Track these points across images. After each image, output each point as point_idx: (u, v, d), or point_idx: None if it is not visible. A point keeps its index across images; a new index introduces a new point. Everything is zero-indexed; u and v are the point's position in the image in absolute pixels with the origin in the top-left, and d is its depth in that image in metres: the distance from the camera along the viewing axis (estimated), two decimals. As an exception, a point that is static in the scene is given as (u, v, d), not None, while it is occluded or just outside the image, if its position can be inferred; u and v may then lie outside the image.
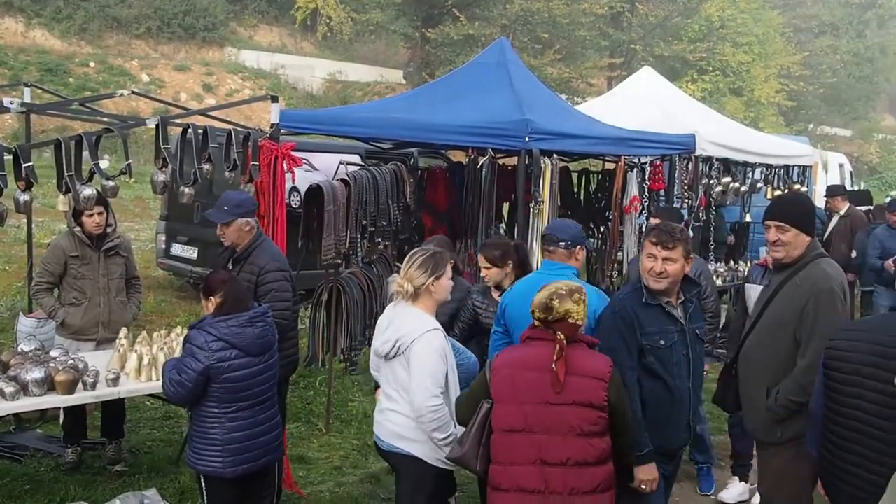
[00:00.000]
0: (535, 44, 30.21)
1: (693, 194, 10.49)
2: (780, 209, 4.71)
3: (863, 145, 48.05)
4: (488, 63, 9.04)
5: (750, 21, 37.12)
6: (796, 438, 4.48)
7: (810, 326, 4.40)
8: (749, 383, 4.68)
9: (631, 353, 4.10)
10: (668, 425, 4.21)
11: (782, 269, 4.65)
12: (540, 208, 8.02)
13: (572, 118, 9.32)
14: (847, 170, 23.27)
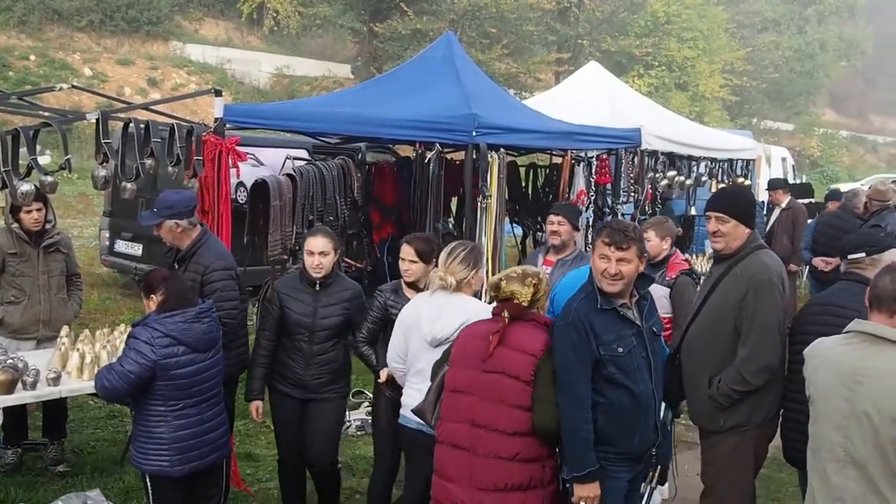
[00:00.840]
0: (483, 38, 30.23)
1: (639, 188, 10.58)
2: (720, 201, 4.77)
3: (804, 139, 48.95)
4: (435, 58, 9.03)
5: (694, 17, 37.61)
6: (738, 427, 4.56)
7: (750, 317, 4.47)
8: (692, 372, 4.70)
9: (584, 368, 3.91)
10: (636, 432, 4.07)
11: (722, 261, 4.70)
12: (487, 203, 8.03)
13: (519, 113, 9.35)
14: (789, 164, 23.70)
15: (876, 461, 3.31)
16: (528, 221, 11.15)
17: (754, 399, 4.54)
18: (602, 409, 3.99)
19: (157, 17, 29.81)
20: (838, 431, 3.42)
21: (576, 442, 3.92)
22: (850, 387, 3.40)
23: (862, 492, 3.35)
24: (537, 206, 10.87)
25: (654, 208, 11.40)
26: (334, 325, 5.35)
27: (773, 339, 4.49)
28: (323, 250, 5.29)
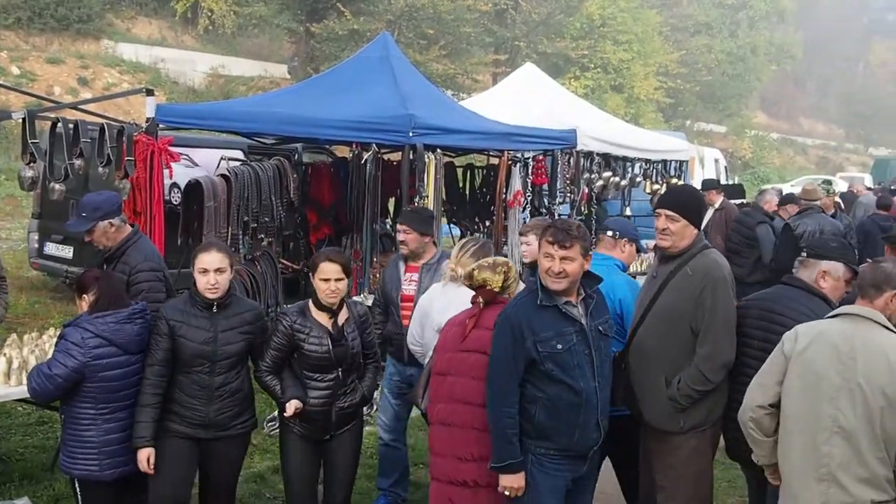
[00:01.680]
0: (421, 39, 30.22)
1: (575, 188, 10.71)
2: (672, 199, 4.72)
3: (736, 141, 49.95)
4: (371, 58, 9.03)
5: (629, 20, 38.06)
6: (698, 427, 4.52)
7: (709, 315, 4.41)
8: (645, 374, 4.60)
9: (512, 365, 4.02)
10: (575, 428, 4.08)
11: (669, 260, 4.63)
12: (424, 203, 8.05)
13: (456, 113, 9.39)
14: (722, 165, 24.18)
15: (863, 430, 3.60)
16: (466, 222, 11.18)
17: (712, 397, 4.51)
18: (541, 404, 4.05)
19: (88, 15, 29.18)
20: (829, 403, 3.67)
21: (497, 434, 4.06)
22: (844, 362, 3.67)
23: (847, 459, 3.62)
24: (475, 207, 10.92)
25: (589, 208, 11.55)
26: (237, 351, 4.74)
27: (731, 336, 4.48)
28: (219, 267, 4.65)
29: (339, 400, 4.80)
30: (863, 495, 3.62)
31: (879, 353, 3.65)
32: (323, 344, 4.70)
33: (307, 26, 30.73)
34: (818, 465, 3.70)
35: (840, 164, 63.08)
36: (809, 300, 4.41)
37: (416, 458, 6.86)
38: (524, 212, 10.05)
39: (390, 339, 5.92)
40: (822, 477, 3.69)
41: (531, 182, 10.01)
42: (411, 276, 5.89)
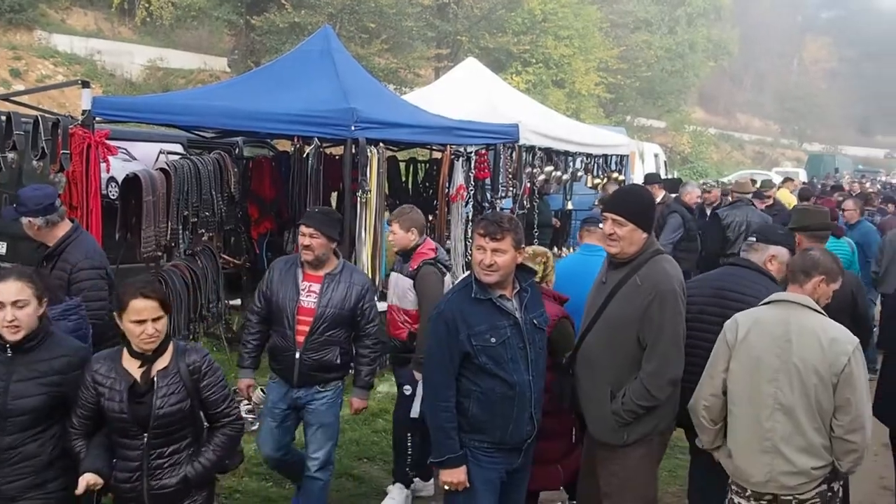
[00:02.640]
0: (363, 33, 30.08)
1: (517, 183, 10.77)
2: (618, 202, 4.53)
3: (675, 136, 50.70)
4: (312, 51, 8.96)
5: (570, 15, 38.34)
6: (643, 438, 4.44)
7: (656, 330, 4.30)
8: (590, 384, 4.51)
9: (447, 359, 4.02)
10: (509, 422, 4.09)
11: (619, 266, 4.47)
12: (367, 198, 8.03)
13: (398, 107, 9.37)
14: (661, 159, 24.55)
15: (801, 405, 3.98)
16: (409, 216, 11.18)
17: (658, 411, 4.43)
18: (475, 397, 4.05)
19: (20, 5, 28.44)
20: (770, 384, 4.04)
21: (435, 429, 4.09)
22: (780, 345, 4.04)
23: (788, 432, 4.01)
24: (418, 202, 10.89)
25: (531, 203, 11.61)
26: (34, 406, 3.81)
27: (679, 351, 4.39)
28: (17, 299, 3.77)
29: (151, 477, 3.85)
30: (803, 464, 4.01)
31: (811, 334, 4.01)
32: (116, 400, 3.78)
33: (247, 19, 30.39)
34: (762, 439, 4.06)
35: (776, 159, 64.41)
36: (760, 279, 4.77)
37: (361, 452, 6.86)
38: (467, 206, 10.08)
39: (275, 355, 5.37)
40: (766, 449, 4.06)
41: (473, 176, 10.02)
42: (311, 286, 5.26)
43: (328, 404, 5.36)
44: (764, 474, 4.08)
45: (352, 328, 5.37)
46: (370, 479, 6.42)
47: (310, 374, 5.26)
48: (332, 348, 5.26)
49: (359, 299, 5.30)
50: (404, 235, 5.97)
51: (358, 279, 5.41)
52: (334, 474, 6.30)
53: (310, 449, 5.39)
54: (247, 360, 5.56)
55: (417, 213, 6.09)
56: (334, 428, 5.48)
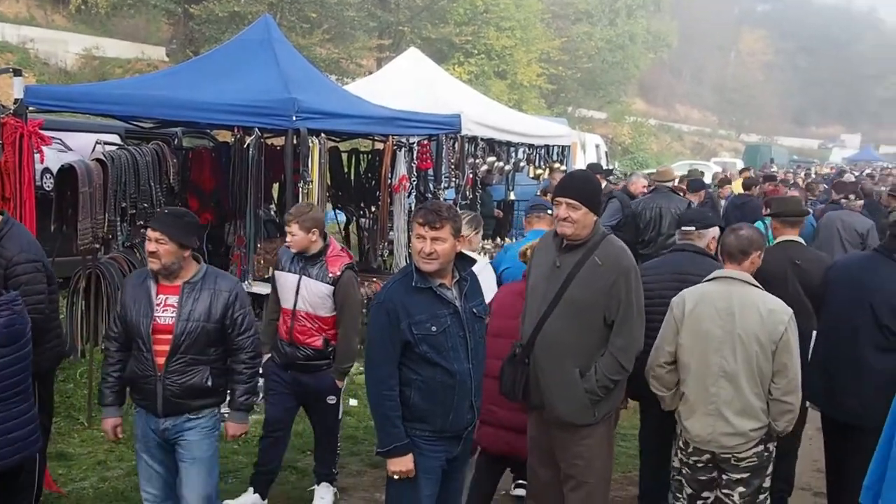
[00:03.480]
0: (304, 23, 29.79)
1: (460, 173, 10.80)
2: (572, 186, 4.59)
3: (616, 127, 51.29)
4: (252, 40, 8.86)
5: (512, 6, 38.46)
6: (607, 415, 4.60)
7: (624, 305, 4.43)
8: (556, 369, 4.54)
9: (389, 348, 4.04)
10: (450, 410, 4.13)
11: (572, 249, 4.54)
12: (309, 188, 7.98)
13: (340, 98, 9.32)
14: (602, 150, 24.83)
15: (743, 372, 4.45)
16: (352, 207, 11.15)
17: (620, 387, 4.61)
18: (416, 386, 4.08)
19: (-51, -8, 27.72)
20: (715, 353, 4.50)
21: (379, 418, 4.12)
22: (724, 318, 4.50)
23: (731, 397, 4.48)
24: (360, 192, 10.89)
25: (474, 193, 11.65)
26: None
27: (644, 324, 4.57)
28: None
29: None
30: (742, 426, 4.49)
31: (752, 307, 4.47)
32: None
33: (186, 7, 29.91)
34: (707, 403, 4.54)
35: (714, 149, 65.51)
36: (708, 261, 5.38)
37: (304, 445, 6.83)
38: (410, 197, 10.08)
39: (134, 383, 4.66)
40: (710, 412, 4.54)
41: (416, 167, 10.01)
42: (167, 299, 4.57)
43: (202, 435, 4.62)
44: (707, 434, 4.54)
45: (223, 343, 4.62)
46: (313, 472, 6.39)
47: (176, 402, 4.52)
48: (199, 369, 4.53)
49: (227, 308, 4.55)
50: (304, 237, 5.56)
51: (224, 285, 4.62)
52: (277, 467, 6.31)
53: (183, 490, 4.63)
54: (108, 396, 4.73)
55: (318, 212, 5.76)
56: (212, 462, 4.74)
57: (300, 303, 5.64)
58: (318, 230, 5.60)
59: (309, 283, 5.61)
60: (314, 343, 5.63)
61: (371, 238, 10.52)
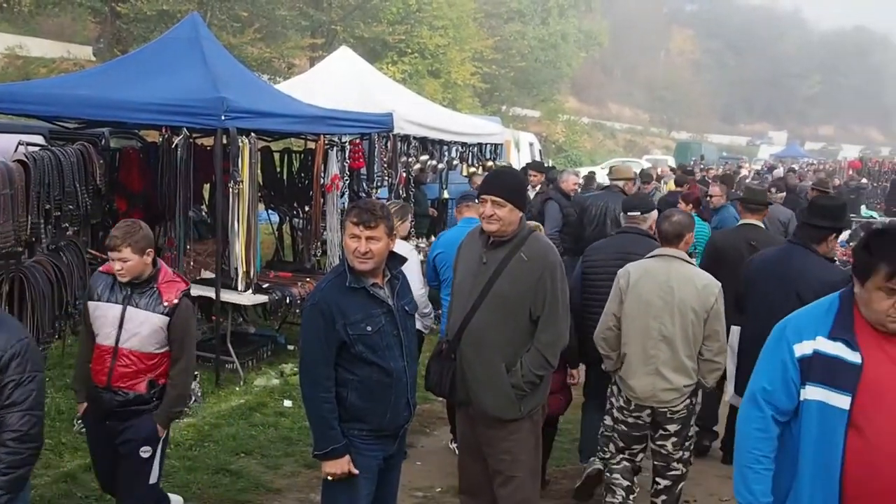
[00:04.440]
0: (234, 22, 29.43)
1: (393, 172, 10.79)
2: (496, 184, 4.60)
3: (550, 125, 51.72)
4: (180, 39, 8.75)
5: (444, 5, 38.48)
6: (533, 410, 4.62)
7: (550, 300, 4.48)
8: (484, 364, 4.55)
9: (326, 350, 3.99)
10: (387, 408, 4.11)
11: (499, 245, 4.56)
12: (239, 189, 7.90)
13: (270, 97, 9.25)
14: (536, 148, 25.04)
15: (679, 336, 5.04)
16: (285, 208, 11.05)
17: (545, 382, 4.66)
18: (353, 386, 4.05)
19: None
20: (655, 320, 5.07)
21: (316, 420, 4.07)
22: (664, 289, 5.07)
23: (668, 357, 5.06)
24: (293, 192, 10.79)
25: (407, 192, 11.65)
26: None
27: (569, 318, 4.66)
28: None
29: None
30: (678, 382, 5.07)
31: (688, 281, 5.10)
32: None
33: (112, 6, 29.34)
34: (647, 363, 5.11)
35: (646, 147, 66.57)
36: (650, 242, 5.84)
37: (238, 447, 6.77)
38: (343, 197, 10.03)
39: None
40: (650, 371, 5.11)
41: (349, 166, 9.97)
42: None
43: None
44: (648, 391, 5.12)
45: None
46: (248, 474, 6.32)
47: None
48: None
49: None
50: (139, 261, 4.62)
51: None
52: (211, 470, 6.24)
53: None
54: None
55: (148, 230, 4.78)
56: None
57: (124, 338, 4.67)
58: (152, 251, 4.72)
59: (136, 314, 4.67)
60: (137, 387, 4.69)
61: (304, 238, 10.46)
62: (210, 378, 8.06)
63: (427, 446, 7.12)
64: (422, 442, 7.18)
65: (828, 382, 3.04)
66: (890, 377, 2.97)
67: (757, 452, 3.21)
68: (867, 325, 3.02)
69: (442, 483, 6.25)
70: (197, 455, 6.50)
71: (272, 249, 11.71)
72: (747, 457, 3.23)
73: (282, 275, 9.37)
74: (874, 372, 2.97)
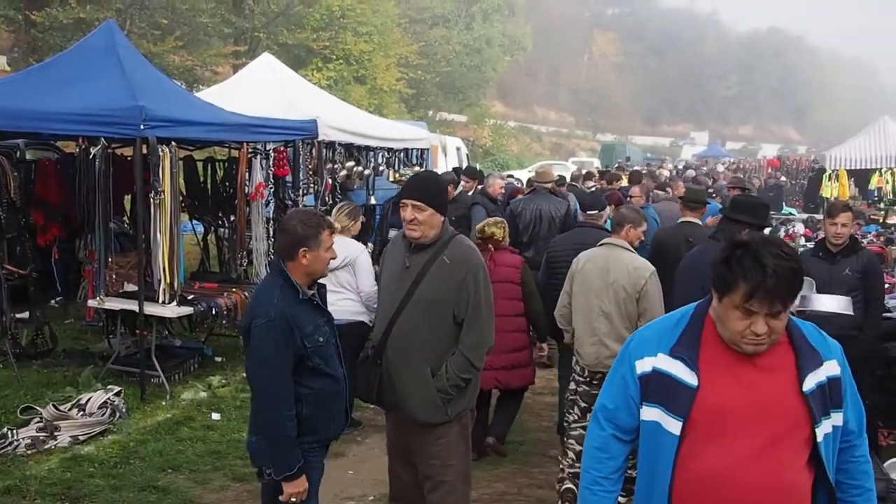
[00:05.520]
0: (155, 30, 28.89)
1: (318, 179, 10.70)
2: (416, 188, 4.58)
3: (477, 130, 52.02)
4: (96, 47, 8.56)
5: (369, 11, 38.38)
6: (461, 413, 4.58)
7: (474, 303, 4.47)
8: (409, 368, 4.52)
9: (285, 366, 3.94)
10: (336, 416, 4.15)
11: (421, 249, 4.52)
12: (161, 199, 7.75)
13: (191, 105, 9.12)
14: (464, 153, 25.12)
15: (616, 312, 5.84)
16: (209, 217, 10.87)
17: (472, 385, 4.61)
18: (308, 399, 4.02)
19: None
20: (597, 297, 5.90)
21: (281, 441, 3.95)
22: (603, 272, 5.91)
23: (608, 329, 5.84)
24: (218, 201, 10.63)
25: (334, 199, 11.55)
26: None
27: (493, 321, 4.61)
28: None
29: None
30: (618, 350, 5.07)
31: (623, 264, 5.88)
32: None
33: (27, 14, 28.60)
34: (592, 334, 5.91)
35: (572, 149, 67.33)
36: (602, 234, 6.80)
37: (165, 463, 6.63)
38: (268, 205, 9.92)
39: None
40: (594, 342, 5.90)
41: (273, 174, 9.86)
42: None
43: None
44: (593, 359, 5.88)
45: None
46: (176, 490, 6.19)
47: None
48: None
49: None
50: None
51: None
52: (137, 488, 6.09)
53: None
54: None
55: None
56: None
57: None
58: None
59: None
60: None
61: (231, 248, 10.30)
62: (135, 393, 7.89)
63: (358, 454, 7.06)
64: (353, 450, 7.12)
65: (663, 404, 2.77)
66: (733, 403, 2.68)
67: (595, 473, 2.94)
68: (720, 343, 2.74)
69: (374, 491, 6.21)
70: (122, 473, 6.35)
71: (198, 260, 11.52)
72: (586, 477, 2.98)
73: (207, 286, 9.20)
74: (714, 397, 2.69)
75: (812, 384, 2.69)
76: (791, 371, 2.69)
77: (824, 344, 2.81)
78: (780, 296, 2.57)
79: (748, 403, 2.66)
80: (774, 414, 2.67)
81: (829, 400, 2.72)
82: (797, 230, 16.21)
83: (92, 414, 7.12)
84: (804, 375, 2.68)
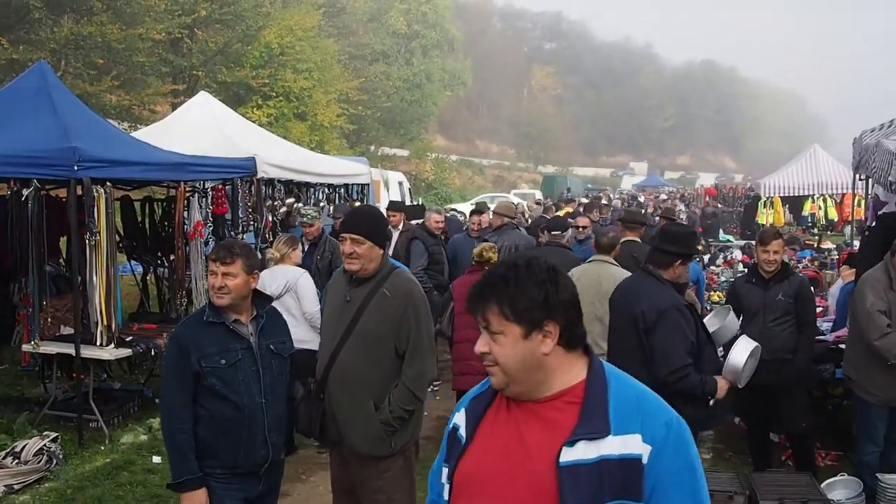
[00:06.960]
0: (91, 70, 28.60)
1: (258, 216, 10.66)
2: (354, 222, 4.59)
3: (419, 164, 52.28)
4: (28, 88, 8.47)
5: (308, 48, 38.42)
6: (405, 445, 4.56)
7: (415, 335, 4.47)
8: (350, 402, 4.50)
9: (179, 380, 4.13)
10: (240, 445, 4.13)
11: (362, 283, 4.54)
12: (97, 240, 7.66)
13: (126, 145, 9.04)
14: (406, 187, 25.25)
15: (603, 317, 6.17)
16: (148, 257, 10.75)
17: (415, 418, 4.61)
18: (203, 421, 4.11)
19: None
20: (590, 305, 6.45)
21: (172, 451, 4.16)
22: (595, 284, 6.86)
23: (601, 330, 6.26)
24: (157, 241, 10.53)
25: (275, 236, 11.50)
26: None
27: (434, 352, 4.69)
28: None
29: None
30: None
31: (611, 277, 6.82)
32: None
33: (-42, 55, 28.13)
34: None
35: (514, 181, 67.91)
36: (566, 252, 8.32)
37: None
38: (207, 244, 9.85)
39: None
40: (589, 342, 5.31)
41: (212, 212, 9.81)
42: None
43: None
44: None
45: None
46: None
47: None
48: None
49: None
50: None
51: None
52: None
53: None
54: None
55: None
56: None
57: None
58: None
59: None
60: None
61: (170, 287, 10.19)
62: (73, 438, 7.72)
63: (303, 493, 7.00)
64: (298, 489, 7.05)
65: (448, 463, 2.39)
66: (484, 463, 2.28)
67: None
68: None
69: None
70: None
71: (137, 301, 11.36)
72: None
73: (146, 326, 9.08)
74: (475, 456, 2.30)
75: (575, 457, 2.13)
76: (564, 435, 2.17)
77: (635, 415, 2.20)
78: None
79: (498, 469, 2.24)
80: (520, 484, 2.19)
81: (608, 486, 2.10)
82: (735, 256, 16.52)
83: (27, 462, 6.94)
84: (572, 443, 2.15)
